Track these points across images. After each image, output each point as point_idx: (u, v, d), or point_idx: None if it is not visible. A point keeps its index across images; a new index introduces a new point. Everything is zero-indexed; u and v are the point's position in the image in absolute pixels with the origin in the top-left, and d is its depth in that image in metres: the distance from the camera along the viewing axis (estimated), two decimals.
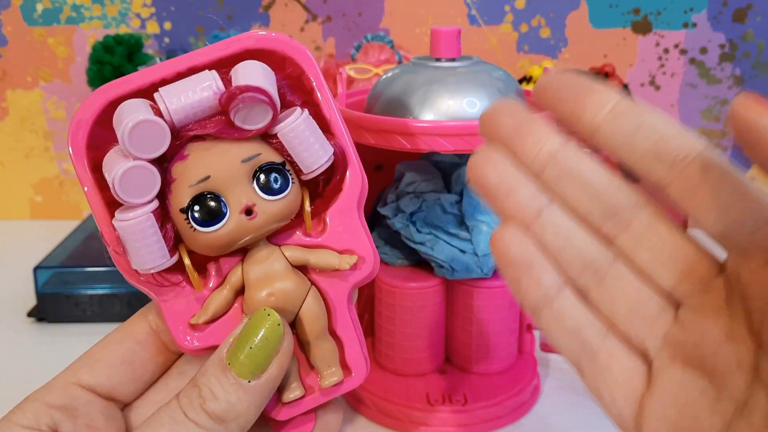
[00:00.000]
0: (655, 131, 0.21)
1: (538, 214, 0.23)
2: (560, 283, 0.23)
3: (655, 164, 0.21)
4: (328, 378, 0.28)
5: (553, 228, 0.23)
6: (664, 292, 0.22)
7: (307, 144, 0.25)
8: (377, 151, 0.39)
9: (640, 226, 0.23)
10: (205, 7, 0.71)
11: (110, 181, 0.23)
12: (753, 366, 0.20)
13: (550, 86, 0.23)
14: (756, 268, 0.20)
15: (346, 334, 0.28)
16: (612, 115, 0.22)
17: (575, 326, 0.23)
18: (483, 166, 0.24)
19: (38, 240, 0.68)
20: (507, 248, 0.23)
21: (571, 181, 0.23)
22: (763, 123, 0.18)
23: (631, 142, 0.22)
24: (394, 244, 0.45)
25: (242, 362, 0.24)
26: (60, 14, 0.71)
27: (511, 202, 0.23)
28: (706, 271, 0.22)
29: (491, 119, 0.24)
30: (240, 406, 0.24)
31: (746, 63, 0.70)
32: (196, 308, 0.27)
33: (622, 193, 0.23)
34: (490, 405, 0.42)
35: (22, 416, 0.25)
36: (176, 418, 0.24)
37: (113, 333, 0.28)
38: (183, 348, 0.27)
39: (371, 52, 0.65)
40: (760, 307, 0.20)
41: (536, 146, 0.23)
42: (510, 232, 0.23)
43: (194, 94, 0.24)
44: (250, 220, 0.25)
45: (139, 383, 0.28)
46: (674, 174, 0.21)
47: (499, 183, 0.23)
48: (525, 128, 0.23)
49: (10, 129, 0.75)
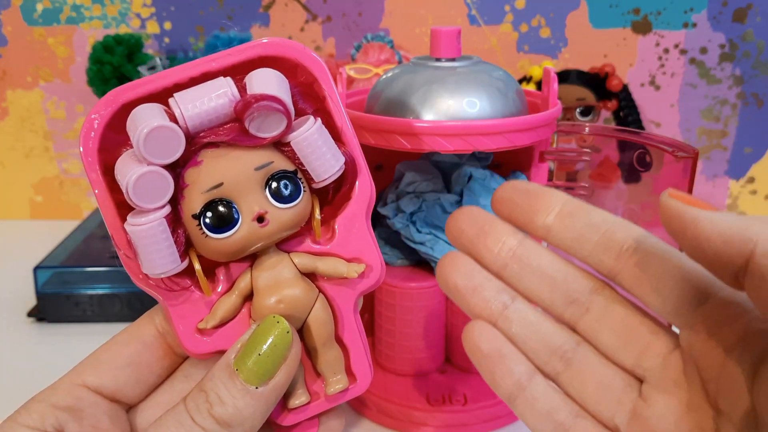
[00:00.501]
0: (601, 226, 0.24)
1: (504, 309, 0.25)
2: (531, 371, 0.25)
3: (603, 256, 0.24)
4: (333, 385, 0.28)
5: (518, 320, 0.25)
6: (626, 369, 0.24)
7: (320, 153, 0.26)
8: (377, 151, 0.39)
9: (598, 310, 0.25)
10: (206, 7, 0.71)
11: (123, 185, 0.23)
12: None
13: (504, 196, 0.26)
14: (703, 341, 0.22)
15: (352, 342, 0.28)
16: (560, 216, 0.24)
17: (548, 410, 0.24)
18: (449, 269, 0.26)
19: (38, 240, 0.68)
20: (478, 343, 0.25)
21: (531, 275, 0.25)
22: (685, 212, 0.20)
23: (580, 239, 0.24)
24: (394, 244, 0.45)
25: (250, 368, 0.24)
26: (60, 14, 0.71)
27: (478, 299, 0.25)
28: (663, 346, 0.23)
29: (455, 224, 0.26)
30: (246, 412, 0.24)
31: (746, 63, 0.70)
32: (203, 312, 0.27)
33: (579, 281, 0.25)
34: (490, 405, 0.42)
35: (28, 417, 0.25)
36: (183, 422, 0.24)
37: (119, 335, 0.28)
38: (190, 352, 0.27)
39: (371, 52, 0.65)
40: (713, 377, 0.21)
41: (496, 246, 0.26)
42: (479, 327, 0.25)
43: (210, 101, 0.24)
44: (262, 227, 0.25)
45: (145, 385, 0.28)
46: (621, 263, 0.23)
47: (465, 284, 0.26)
48: (485, 230, 0.26)
49: (10, 129, 0.75)
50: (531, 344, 0.25)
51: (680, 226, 0.20)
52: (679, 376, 0.23)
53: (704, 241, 0.19)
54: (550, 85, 0.39)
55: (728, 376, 0.21)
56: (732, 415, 0.21)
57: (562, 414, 0.24)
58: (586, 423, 0.24)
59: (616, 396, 0.24)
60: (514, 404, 0.25)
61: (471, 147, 0.36)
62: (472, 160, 0.44)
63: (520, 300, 0.25)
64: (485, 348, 0.25)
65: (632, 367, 0.24)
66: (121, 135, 0.24)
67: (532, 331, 0.25)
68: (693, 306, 0.22)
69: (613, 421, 0.24)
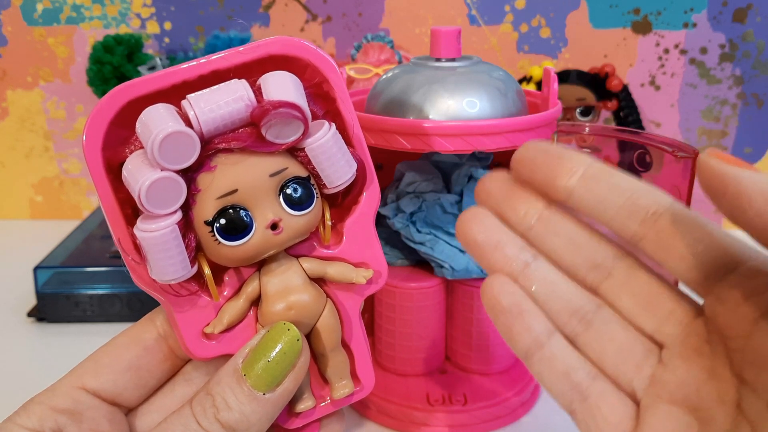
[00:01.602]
0: (625, 190, 0.23)
1: (525, 267, 0.25)
2: (550, 329, 0.24)
3: (627, 220, 0.23)
4: (339, 390, 0.28)
5: (540, 279, 0.25)
6: (647, 335, 0.24)
7: (334, 160, 0.25)
8: (377, 151, 0.39)
9: (621, 275, 0.24)
10: (206, 7, 0.71)
11: (135, 190, 0.23)
12: (736, 402, 0.21)
13: (525, 157, 0.25)
14: (730, 311, 0.21)
15: (357, 346, 0.28)
16: (584, 178, 0.24)
17: (566, 370, 0.24)
18: (470, 224, 0.25)
19: (38, 240, 0.67)
20: (498, 297, 0.25)
21: (555, 238, 0.25)
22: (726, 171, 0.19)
23: (604, 202, 0.23)
24: (394, 244, 0.45)
25: (258, 374, 0.24)
26: (60, 14, 0.71)
27: (499, 256, 0.25)
28: (686, 314, 0.23)
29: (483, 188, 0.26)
30: (253, 418, 0.24)
31: (746, 63, 0.70)
32: (209, 316, 0.26)
33: (604, 247, 0.24)
34: (490, 405, 0.42)
35: (27, 418, 0.25)
36: (188, 426, 0.24)
37: (120, 337, 0.28)
38: (195, 356, 0.26)
39: (371, 52, 0.65)
40: (738, 347, 0.21)
41: (523, 208, 0.25)
42: (500, 281, 0.25)
43: (227, 105, 0.23)
44: (276, 234, 0.25)
45: (145, 389, 0.27)
46: (646, 228, 0.23)
47: (486, 239, 0.25)
48: (513, 193, 0.25)
49: (10, 129, 0.75)
50: (551, 304, 0.24)
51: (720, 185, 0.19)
52: (702, 344, 0.22)
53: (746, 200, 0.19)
54: (550, 85, 0.39)
55: (755, 347, 0.20)
56: (757, 385, 0.20)
57: (580, 374, 0.24)
58: (603, 385, 0.24)
59: (636, 360, 0.24)
60: (531, 362, 0.24)
61: (471, 147, 0.36)
62: (472, 160, 0.44)
63: (542, 259, 0.25)
64: (505, 302, 0.24)
65: (653, 333, 0.24)
66: (125, 131, 0.24)
67: (552, 290, 0.25)
68: (720, 274, 0.22)
69: (630, 385, 0.24)
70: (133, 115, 0.23)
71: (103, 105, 0.23)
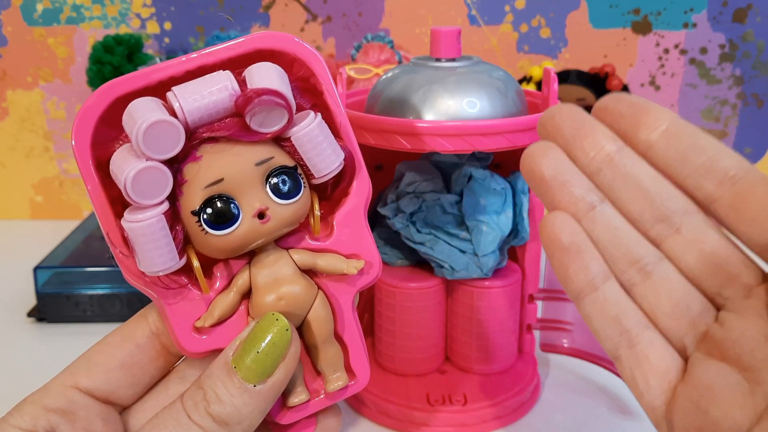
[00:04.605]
0: (707, 150, 0.23)
1: (590, 209, 0.24)
2: (607, 273, 0.24)
3: (704, 180, 0.23)
4: (333, 382, 0.28)
5: (603, 223, 0.24)
6: (707, 295, 0.24)
7: (320, 149, 0.25)
8: (377, 151, 0.39)
9: (690, 232, 0.24)
10: (205, 7, 0.71)
11: (121, 181, 0.23)
12: None
13: (609, 105, 0.24)
14: None
15: (351, 339, 0.28)
16: (666, 134, 0.23)
17: (617, 315, 0.24)
18: (539, 157, 0.25)
19: (38, 240, 0.68)
20: (558, 233, 0.24)
21: (624, 185, 0.24)
22: None
23: (683, 160, 0.23)
24: (394, 244, 0.45)
25: (249, 366, 0.24)
26: (60, 14, 0.71)
27: (565, 194, 0.24)
28: (751, 278, 0.23)
29: (551, 121, 0.25)
30: (245, 410, 0.24)
31: (746, 63, 0.70)
32: (200, 310, 0.26)
33: (675, 199, 0.24)
34: (490, 405, 0.42)
35: (20, 418, 0.25)
36: (180, 421, 0.24)
37: (112, 336, 0.27)
38: (187, 351, 0.26)
39: (371, 52, 0.65)
40: None
41: (593, 149, 0.24)
42: (562, 218, 0.24)
43: (210, 95, 0.23)
44: (263, 223, 0.25)
45: (138, 387, 0.27)
46: (722, 190, 0.23)
47: (554, 175, 0.24)
48: (585, 130, 0.24)
49: (10, 129, 0.75)
50: (612, 250, 0.24)
51: None
52: (762, 308, 0.22)
53: None
54: (550, 85, 0.39)
55: None
56: None
57: (631, 321, 0.24)
58: (653, 335, 0.24)
59: (691, 317, 0.23)
60: (582, 303, 0.24)
61: (471, 147, 0.36)
62: (472, 160, 0.44)
63: (609, 204, 0.24)
64: (565, 239, 0.24)
65: (713, 295, 0.23)
66: (115, 129, 0.24)
67: (615, 236, 0.24)
68: None
69: (682, 342, 0.23)
70: (122, 113, 0.24)
71: (92, 102, 0.24)
